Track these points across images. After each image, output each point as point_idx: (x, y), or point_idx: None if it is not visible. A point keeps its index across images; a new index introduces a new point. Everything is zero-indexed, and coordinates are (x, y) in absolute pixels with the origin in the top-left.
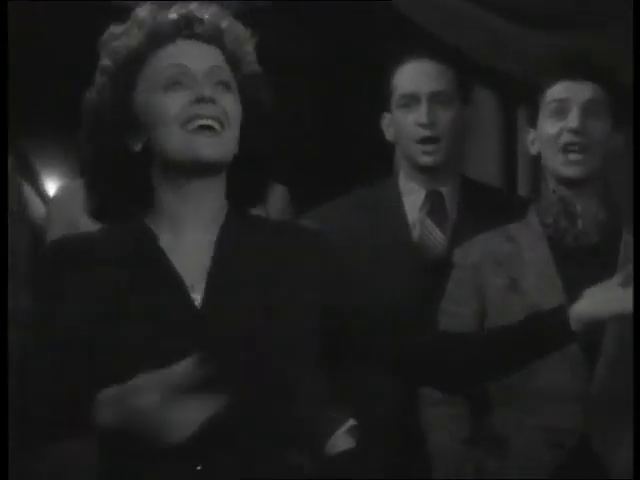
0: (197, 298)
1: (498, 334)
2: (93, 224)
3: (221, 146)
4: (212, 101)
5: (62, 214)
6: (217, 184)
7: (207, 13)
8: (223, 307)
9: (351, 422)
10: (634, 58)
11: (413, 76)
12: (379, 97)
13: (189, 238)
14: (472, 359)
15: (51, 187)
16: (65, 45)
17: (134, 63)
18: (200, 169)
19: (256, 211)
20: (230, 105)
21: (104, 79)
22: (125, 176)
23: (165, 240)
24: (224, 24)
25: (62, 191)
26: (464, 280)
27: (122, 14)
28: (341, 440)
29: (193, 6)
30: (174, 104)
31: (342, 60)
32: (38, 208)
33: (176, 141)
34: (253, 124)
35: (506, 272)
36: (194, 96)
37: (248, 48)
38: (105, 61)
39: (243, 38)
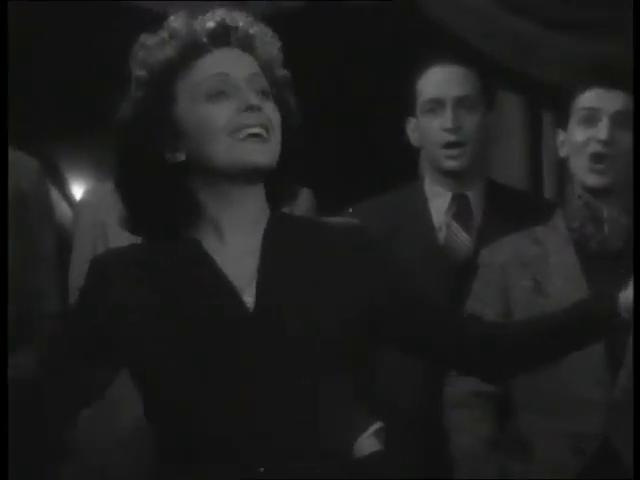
0: (249, 301)
1: (544, 321)
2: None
3: (269, 152)
4: (259, 109)
5: (88, 217)
6: (258, 188)
7: (240, 20)
8: (274, 309)
9: (377, 424)
10: (634, 58)
11: (438, 81)
12: (404, 102)
13: (233, 242)
14: (518, 347)
15: (77, 191)
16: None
17: (172, 75)
18: (249, 176)
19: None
20: (272, 112)
21: (140, 92)
22: (165, 187)
23: (209, 246)
24: (254, 30)
25: (88, 194)
26: (490, 280)
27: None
28: (367, 443)
29: (222, 12)
30: (220, 114)
31: (368, 64)
32: (65, 212)
33: (225, 150)
34: (286, 128)
35: (531, 274)
36: (242, 105)
37: (277, 54)
38: (140, 73)
39: (272, 44)
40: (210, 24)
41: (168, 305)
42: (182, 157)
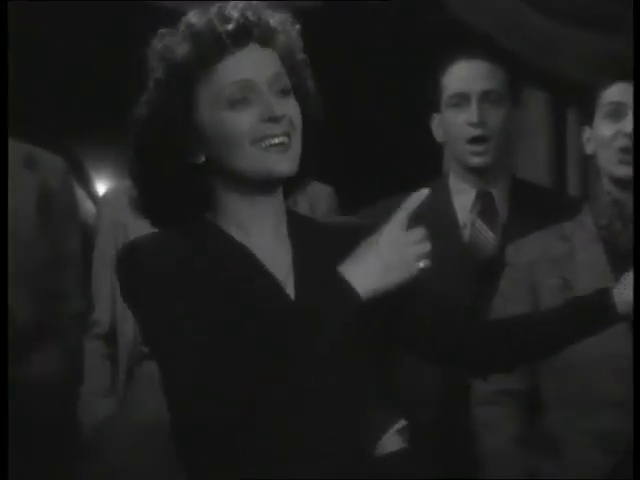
0: (290, 293)
1: (543, 315)
2: (144, 226)
3: (292, 159)
4: (282, 118)
5: (109, 216)
6: (280, 188)
7: (260, 13)
8: (314, 302)
9: (401, 422)
10: (634, 58)
11: (463, 75)
12: (429, 97)
13: (259, 240)
14: (517, 341)
15: (102, 189)
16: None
17: (191, 77)
18: (271, 184)
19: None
20: (293, 111)
21: (158, 93)
22: (184, 187)
23: (238, 239)
24: (274, 22)
25: (111, 192)
26: (517, 279)
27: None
28: (391, 441)
29: (240, 7)
30: (243, 122)
31: (392, 60)
32: (89, 210)
33: (247, 158)
34: (305, 118)
35: (559, 272)
36: (265, 114)
37: (296, 39)
38: (158, 72)
39: (292, 30)
40: (231, 24)
41: (207, 296)
42: (202, 159)
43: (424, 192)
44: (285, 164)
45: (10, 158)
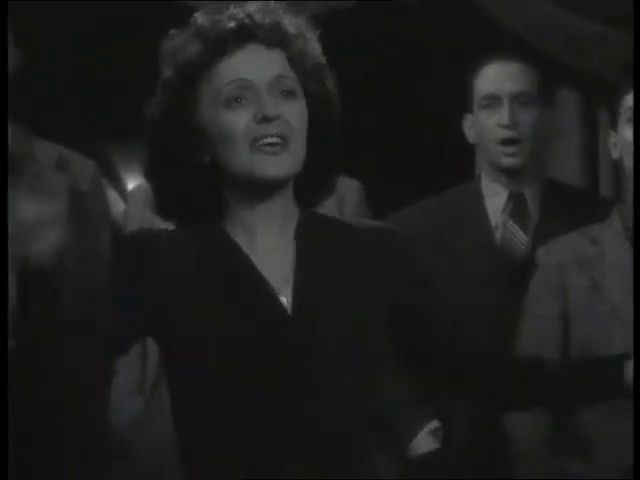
0: (285, 302)
1: (559, 367)
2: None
3: (286, 163)
4: (276, 118)
5: (138, 210)
6: (287, 189)
7: (267, 14)
8: (311, 310)
9: (434, 423)
10: (634, 58)
11: (495, 77)
12: (460, 98)
13: (264, 242)
14: (528, 384)
15: (131, 186)
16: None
17: (196, 76)
18: (266, 186)
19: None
20: (294, 115)
21: (167, 94)
22: (192, 184)
23: (242, 244)
24: (287, 25)
25: (138, 188)
26: (547, 280)
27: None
28: (424, 441)
29: (251, 8)
30: (238, 122)
31: (424, 61)
32: (121, 209)
33: (242, 159)
34: (320, 121)
35: (588, 274)
36: (259, 114)
37: (312, 44)
38: (167, 73)
39: (307, 33)
40: (232, 24)
41: (198, 294)
42: (207, 159)
43: None
44: (277, 167)
45: (41, 160)
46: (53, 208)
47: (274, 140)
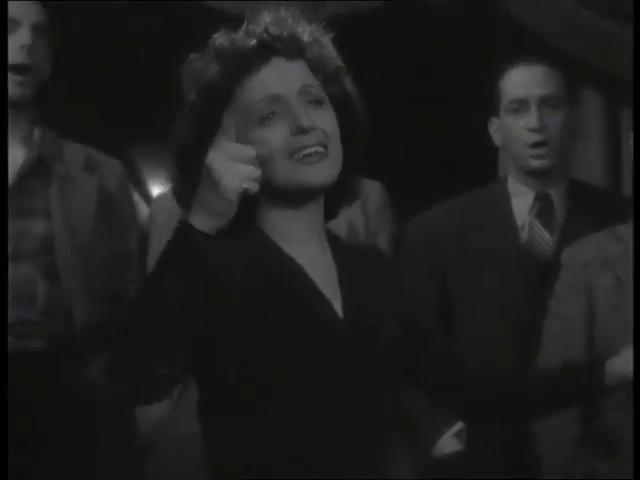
0: (338, 310)
1: (539, 379)
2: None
3: (329, 170)
4: (312, 129)
5: (164, 216)
6: (321, 196)
7: (282, 26)
8: (359, 317)
9: (459, 425)
10: (634, 58)
11: (522, 81)
12: (486, 102)
13: (303, 249)
14: (511, 399)
15: (155, 192)
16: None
17: (221, 97)
18: (308, 195)
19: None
20: (326, 122)
21: (191, 115)
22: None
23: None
24: (302, 34)
25: (164, 194)
26: (573, 280)
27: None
28: (449, 443)
29: (266, 22)
30: (274, 137)
31: (448, 64)
32: (144, 212)
33: (282, 172)
34: (345, 123)
35: (614, 272)
36: (294, 128)
37: (327, 49)
38: (191, 97)
39: (322, 39)
40: (253, 40)
41: (253, 298)
42: None
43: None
44: (320, 175)
45: (69, 161)
46: None
47: (313, 150)
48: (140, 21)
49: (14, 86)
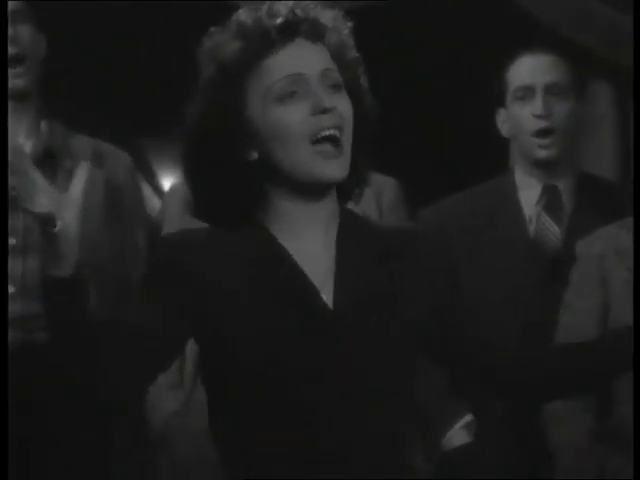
0: (327, 300)
1: (578, 349)
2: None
3: (342, 165)
4: (333, 110)
5: (175, 210)
6: (333, 188)
7: (307, 11)
8: (353, 308)
9: (468, 417)
10: (634, 58)
11: (528, 69)
12: (494, 92)
13: (308, 239)
14: (554, 373)
15: (166, 184)
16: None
17: (241, 74)
18: (322, 188)
19: (367, 203)
20: (344, 106)
21: (209, 90)
22: (237, 184)
23: (284, 241)
24: (325, 19)
25: (176, 187)
26: (588, 272)
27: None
28: (458, 435)
29: (290, 4)
30: (294, 117)
31: (456, 55)
32: (155, 205)
33: (298, 157)
34: (358, 115)
35: (627, 264)
36: (316, 108)
37: (348, 36)
38: (209, 70)
39: (343, 27)
40: (279, 19)
41: (239, 292)
42: (254, 156)
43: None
44: (336, 169)
45: (77, 153)
46: None
47: (332, 132)
48: (152, 12)
49: (13, 79)
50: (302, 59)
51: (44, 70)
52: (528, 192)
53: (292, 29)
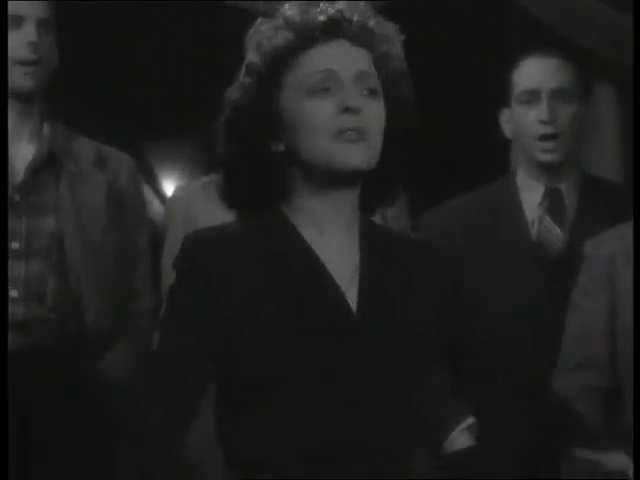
0: (351, 301)
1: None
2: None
3: (366, 154)
4: (358, 110)
5: (179, 214)
6: (356, 187)
7: (356, 13)
8: (377, 311)
9: (471, 420)
10: (634, 58)
11: (534, 72)
12: (498, 93)
13: (331, 238)
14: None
15: (168, 188)
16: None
17: (282, 64)
18: (345, 178)
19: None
20: (375, 113)
21: (251, 78)
22: (265, 172)
23: (308, 237)
24: (372, 23)
25: (179, 191)
26: (596, 273)
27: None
28: (460, 438)
29: (341, 5)
30: (321, 112)
31: (461, 55)
32: (157, 209)
33: (320, 149)
34: (397, 128)
35: (633, 266)
36: (342, 105)
37: (397, 49)
38: (253, 59)
39: (392, 38)
40: (323, 17)
41: (264, 292)
42: (281, 147)
43: None
44: (359, 156)
45: (80, 156)
46: None
47: (354, 133)
48: (158, 15)
49: (21, 78)
50: (339, 58)
51: (52, 77)
52: (530, 194)
53: (336, 28)
